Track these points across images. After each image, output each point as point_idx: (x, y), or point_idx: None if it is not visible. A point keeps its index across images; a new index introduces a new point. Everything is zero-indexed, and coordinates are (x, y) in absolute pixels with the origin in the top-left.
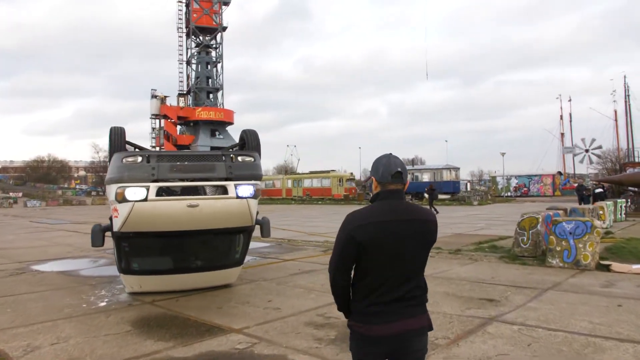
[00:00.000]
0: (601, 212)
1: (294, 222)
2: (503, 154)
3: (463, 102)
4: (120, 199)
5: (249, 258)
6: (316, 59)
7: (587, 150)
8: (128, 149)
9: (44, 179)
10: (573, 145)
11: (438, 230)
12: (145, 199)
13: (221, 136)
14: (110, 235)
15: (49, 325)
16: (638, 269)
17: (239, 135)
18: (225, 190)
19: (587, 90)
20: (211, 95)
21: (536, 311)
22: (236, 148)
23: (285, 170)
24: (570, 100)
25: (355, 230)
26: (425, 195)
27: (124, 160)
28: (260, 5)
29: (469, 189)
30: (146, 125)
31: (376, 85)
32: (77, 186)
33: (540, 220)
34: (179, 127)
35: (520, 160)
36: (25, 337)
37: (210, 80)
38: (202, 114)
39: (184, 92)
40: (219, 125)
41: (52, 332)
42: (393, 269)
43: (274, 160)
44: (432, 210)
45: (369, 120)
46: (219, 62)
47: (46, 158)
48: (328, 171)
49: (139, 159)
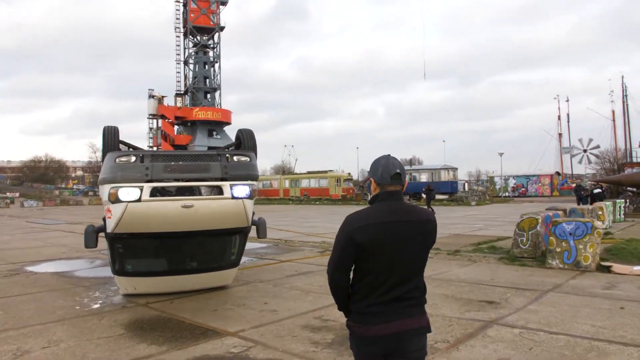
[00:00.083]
0: (600, 213)
1: (291, 223)
2: (501, 154)
3: (461, 102)
4: (114, 199)
5: (245, 259)
6: (314, 59)
7: (585, 151)
8: (122, 148)
9: (41, 179)
10: (571, 145)
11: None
12: (138, 200)
13: (218, 136)
14: (103, 236)
15: (41, 328)
16: (639, 270)
17: (235, 135)
18: (220, 190)
19: (585, 91)
20: (209, 95)
21: (537, 314)
22: (232, 148)
23: (283, 170)
24: (568, 101)
25: (355, 231)
26: (423, 195)
27: (117, 160)
28: (257, 5)
29: (467, 189)
30: (144, 126)
31: (374, 86)
32: (75, 186)
33: (540, 221)
34: (176, 127)
35: (518, 161)
36: (15, 341)
37: (207, 80)
38: (200, 114)
39: (182, 92)
40: (217, 125)
41: (44, 336)
42: (393, 269)
43: (271, 161)
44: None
45: (367, 120)
46: (217, 62)
47: (43, 158)
48: (326, 171)
49: (133, 158)
